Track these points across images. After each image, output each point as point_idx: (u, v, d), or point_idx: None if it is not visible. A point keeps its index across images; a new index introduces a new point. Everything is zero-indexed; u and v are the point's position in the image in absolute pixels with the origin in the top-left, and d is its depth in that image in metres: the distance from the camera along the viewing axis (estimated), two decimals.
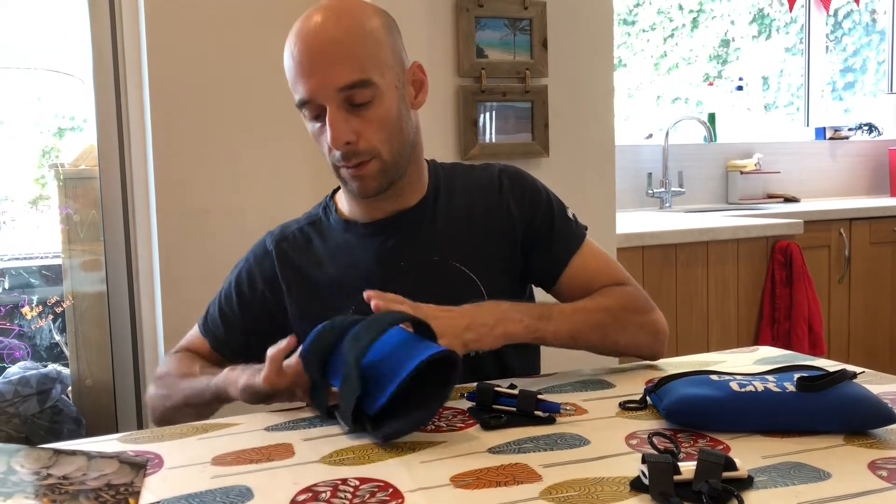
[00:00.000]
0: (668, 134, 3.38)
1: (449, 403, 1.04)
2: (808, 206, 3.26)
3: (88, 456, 0.83)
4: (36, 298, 2.40)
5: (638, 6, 3.88)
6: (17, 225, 2.58)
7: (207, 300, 2.00)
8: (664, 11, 3.94)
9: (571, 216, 1.28)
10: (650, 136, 3.58)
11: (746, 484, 0.75)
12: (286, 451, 0.89)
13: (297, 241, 1.26)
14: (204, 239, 1.97)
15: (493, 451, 0.86)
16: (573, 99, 2.11)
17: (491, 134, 2.04)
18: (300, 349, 1.00)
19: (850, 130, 3.88)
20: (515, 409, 0.96)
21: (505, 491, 0.76)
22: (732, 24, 4.02)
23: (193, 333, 1.32)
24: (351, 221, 1.24)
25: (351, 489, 0.77)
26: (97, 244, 2.13)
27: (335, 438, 0.92)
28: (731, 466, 0.74)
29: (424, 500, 0.74)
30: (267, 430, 0.97)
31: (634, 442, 0.88)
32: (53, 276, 2.42)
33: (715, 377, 0.97)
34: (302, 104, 1.11)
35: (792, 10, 3.85)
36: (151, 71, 1.93)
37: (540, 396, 0.96)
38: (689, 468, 0.73)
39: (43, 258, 2.47)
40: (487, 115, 2.03)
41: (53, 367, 2.21)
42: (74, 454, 0.83)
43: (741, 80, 3.87)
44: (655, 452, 0.79)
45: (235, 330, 1.27)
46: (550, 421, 0.95)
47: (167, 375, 1.24)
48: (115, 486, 0.78)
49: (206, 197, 1.98)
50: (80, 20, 2.06)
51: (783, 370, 1.02)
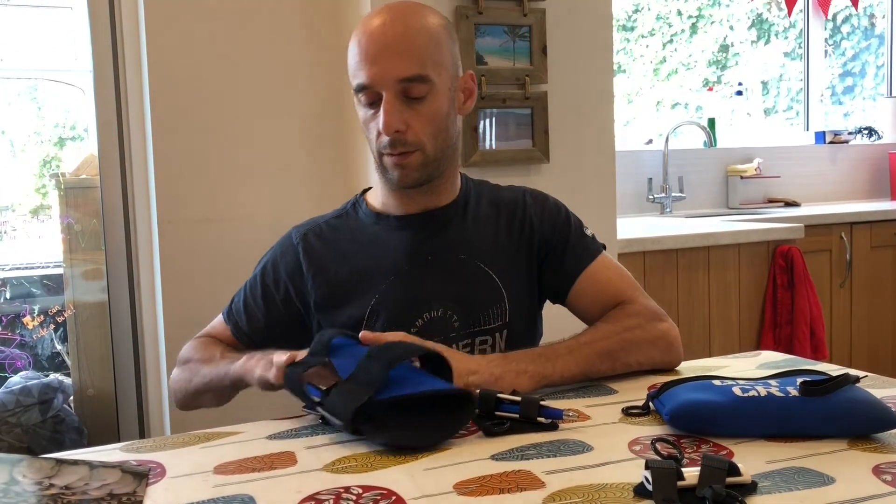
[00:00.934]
0: (668, 139, 3.38)
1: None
2: (808, 210, 3.26)
3: (91, 465, 0.83)
4: (37, 308, 2.40)
5: (637, 12, 3.88)
6: (18, 234, 2.58)
7: (209, 308, 2.00)
8: (663, 17, 3.95)
9: (589, 234, 1.32)
10: (650, 141, 3.59)
11: (750, 489, 0.74)
12: (289, 459, 0.89)
13: (322, 233, 1.31)
14: (205, 247, 1.97)
15: (496, 457, 0.86)
16: (573, 105, 2.11)
17: (491, 140, 2.04)
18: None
19: (849, 134, 3.88)
20: (518, 415, 0.96)
21: (508, 498, 0.76)
22: (731, 29, 4.03)
23: (217, 320, 1.37)
24: (382, 214, 1.29)
25: (354, 497, 0.76)
26: (98, 253, 2.14)
27: (338, 446, 0.92)
28: (734, 472, 0.74)
29: None
30: (269, 438, 0.97)
31: (638, 448, 0.88)
32: (55, 285, 2.42)
33: (718, 382, 0.96)
34: (360, 89, 1.17)
35: (791, 14, 3.86)
36: (152, 80, 1.93)
37: (542, 403, 0.96)
38: (692, 474, 0.73)
39: (44, 268, 2.47)
40: (487, 121, 2.03)
41: (55, 376, 2.21)
42: (77, 464, 0.83)
43: (741, 84, 3.88)
44: (659, 458, 0.79)
45: (258, 320, 1.31)
46: (553, 427, 0.95)
47: (190, 360, 1.29)
48: (117, 495, 0.78)
49: (206, 206, 1.98)
50: (80, 30, 2.07)
51: (786, 375, 1.02)
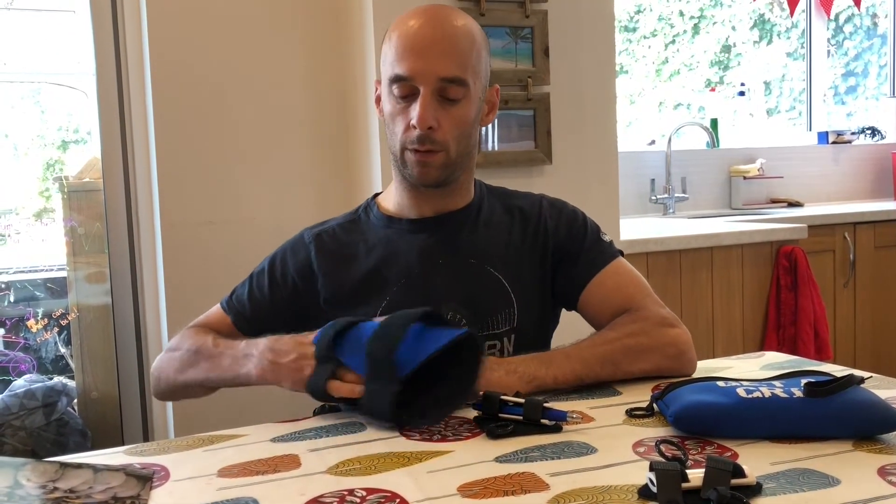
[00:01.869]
0: (670, 140, 3.38)
1: (455, 413, 1.04)
2: (811, 210, 3.26)
3: (94, 469, 0.83)
4: (41, 311, 2.40)
5: (639, 13, 3.88)
6: (21, 238, 2.59)
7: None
8: (665, 18, 3.95)
9: (606, 239, 1.32)
10: (653, 142, 3.58)
11: (755, 491, 0.74)
12: (292, 461, 0.89)
13: (335, 235, 1.32)
14: (208, 250, 1.97)
15: (499, 460, 0.86)
16: (576, 106, 2.11)
17: (494, 142, 2.04)
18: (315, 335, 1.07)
19: (852, 134, 3.88)
20: (522, 417, 0.96)
21: (512, 500, 0.75)
22: (733, 29, 4.03)
23: (213, 311, 1.36)
24: (395, 217, 1.30)
25: (358, 500, 0.76)
26: (102, 256, 2.14)
27: (341, 449, 0.92)
28: (739, 473, 0.74)
29: None
30: (273, 441, 0.97)
31: (642, 449, 0.88)
32: (58, 288, 2.43)
33: (722, 383, 0.96)
34: (397, 79, 1.17)
35: (793, 15, 3.86)
36: (154, 83, 1.93)
37: (546, 405, 0.96)
38: (697, 475, 0.73)
39: (48, 271, 2.48)
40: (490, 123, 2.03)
41: (59, 379, 2.21)
42: (80, 467, 0.83)
43: (743, 85, 3.87)
44: (663, 460, 0.79)
45: (262, 310, 1.31)
46: (557, 429, 0.95)
47: (179, 349, 1.27)
48: (121, 498, 0.78)
49: (210, 209, 1.98)
50: (83, 34, 2.08)
51: (790, 376, 1.02)
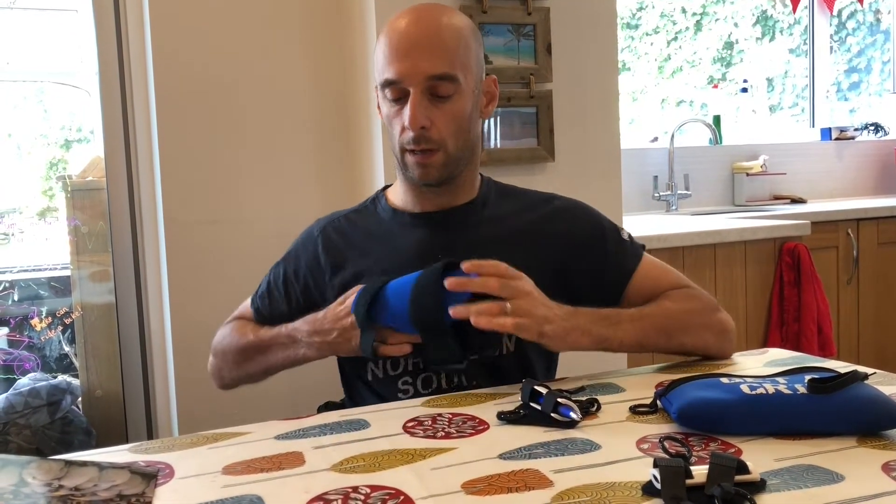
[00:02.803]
0: (673, 137, 3.38)
1: (459, 409, 1.04)
2: (814, 207, 3.25)
3: (99, 467, 0.83)
4: (45, 310, 2.41)
5: (641, 10, 3.88)
6: (25, 237, 2.59)
7: (216, 309, 2.01)
8: (667, 15, 3.94)
9: (627, 237, 1.32)
10: (655, 139, 3.58)
11: (759, 487, 0.74)
12: (297, 459, 0.89)
13: (341, 227, 1.35)
14: (212, 249, 1.98)
15: (503, 456, 0.86)
16: (578, 103, 2.11)
17: (496, 139, 2.04)
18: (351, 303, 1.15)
19: (855, 130, 3.87)
20: (540, 407, 0.97)
21: (516, 497, 0.76)
22: (736, 26, 4.02)
23: (245, 304, 1.43)
24: (399, 210, 1.31)
25: (362, 497, 0.77)
26: (105, 255, 2.14)
27: (345, 446, 0.92)
28: (743, 470, 0.74)
29: None
30: (277, 438, 0.97)
31: (646, 446, 0.88)
32: (62, 287, 2.43)
33: (725, 380, 0.96)
34: (388, 84, 1.19)
35: (795, 11, 3.85)
36: (157, 82, 1.94)
37: (561, 400, 0.96)
38: (701, 472, 0.73)
39: (52, 270, 2.48)
40: (492, 120, 2.03)
41: (63, 378, 2.21)
42: (85, 465, 0.83)
43: (746, 81, 3.87)
44: (667, 456, 0.79)
45: (279, 306, 1.35)
46: (572, 424, 0.95)
47: (232, 351, 1.35)
48: (126, 496, 0.78)
49: (213, 207, 1.98)
50: (85, 33, 2.08)
51: (794, 372, 1.02)
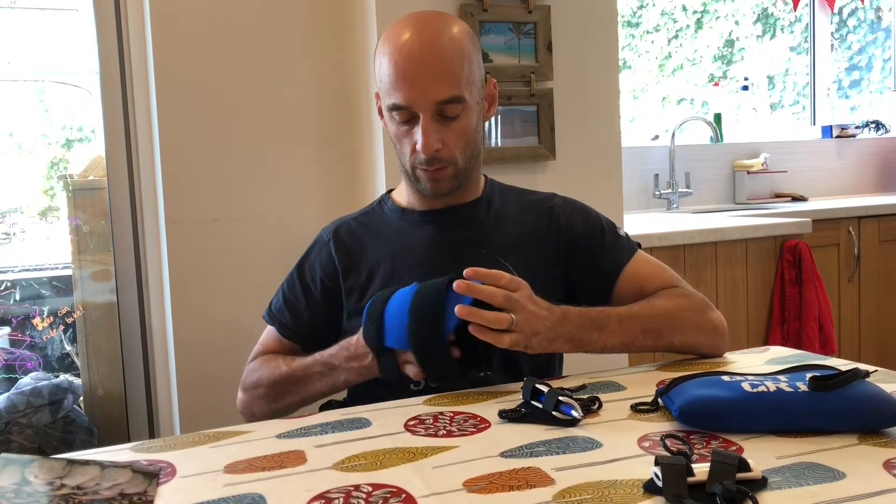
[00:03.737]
0: (674, 135, 3.37)
1: (461, 407, 1.04)
2: (816, 205, 3.25)
3: (101, 466, 0.83)
4: (47, 309, 2.41)
5: (642, 8, 3.87)
6: (27, 236, 2.59)
7: (217, 309, 2.01)
8: (668, 13, 3.94)
9: (623, 234, 1.35)
10: (656, 137, 3.58)
11: (761, 485, 0.74)
12: (298, 457, 0.89)
13: (352, 229, 1.36)
14: (213, 248, 1.98)
15: (505, 455, 0.86)
16: (579, 102, 2.11)
17: (497, 138, 2.04)
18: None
19: (856, 128, 3.87)
20: (542, 405, 0.97)
21: (518, 495, 0.76)
22: (737, 24, 4.02)
23: (263, 337, 1.41)
24: (408, 209, 1.34)
25: (364, 495, 0.77)
26: (107, 254, 2.14)
27: (347, 445, 0.92)
28: (744, 467, 0.74)
29: None
30: (279, 437, 0.97)
31: (647, 444, 0.88)
32: (64, 286, 2.43)
33: (727, 378, 0.96)
34: (395, 108, 1.20)
35: (796, 9, 3.84)
36: (158, 81, 1.94)
37: (562, 398, 0.96)
38: (702, 470, 0.73)
39: (53, 269, 2.48)
40: (493, 119, 2.03)
41: (65, 377, 2.22)
42: (87, 464, 0.83)
43: (746, 79, 3.86)
44: (668, 454, 0.79)
45: (300, 314, 1.36)
46: (573, 423, 0.95)
47: (264, 386, 1.30)
48: (128, 495, 0.78)
49: (214, 206, 1.99)
50: (86, 32, 2.08)
51: (795, 370, 1.02)
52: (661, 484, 0.73)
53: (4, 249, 2.55)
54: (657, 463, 0.75)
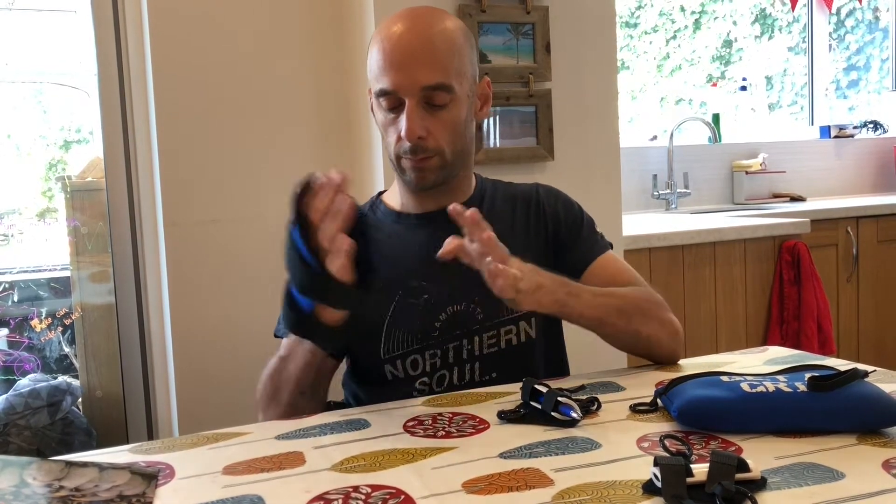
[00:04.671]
0: (672, 135, 3.38)
1: (459, 408, 1.04)
2: (814, 205, 3.25)
3: (100, 467, 0.83)
4: (45, 311, 2.41)
5: (640, 8, 3.88)
6: (25, 238, 2.59)
7: (216, 310, 2.00)
8: (666, 13, 3.94)
9: (599, 232, 1.37)
10: (654, 137, 3.58)
11: (760, 485, 0.74)
12: (297, 459, 0.89)
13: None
14: (211, 249, 1.98)
15: (504, 455, 0.86)
16: (577, 102, 2.11)
17: (496, 139, 2.04)
18: None
19: (855, 128, 3.87)
20: (540, 406, 0.97)
21: (517, 496, 0.76)
22: (735, 24, 4.02)
23: (280, 344, 1.35)
24: (402, 213, 1.33)
25: (363, 496, 0.77)
26: (105, 256, 2.14)
27: (346, 446, 0.92)
28: (743, 468, 0.74)
29: None
30: (277, 438, 0.97)
31: (646, 444, 0.88)
32: (62, 288, 2.43)
33: (725, 378, 0.96)
34: (382, 94, 1.19)
35: (794, 9, 3.85)
36: (156, 82, 1.93)
37: (561, 399, 0.96)
38: (701, 470, 0.73)
39: (51, 270, 2.48)
40: (492, 119, 2.03)
41: (63, 378, 2.21)
42: (86, 466, 0.83)
43: (745, 80, 3.87)
44: (667, 455, 0.79)
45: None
46: (572, 423, 0.95)
47: (265, 392, 1.25)
48: (127, 496, 0.78)
49: (213, 207, 1.98)
50: (84, 33, 2.08)
51: (794, 370, 1.02)
52: (660, 484, 0.73)
53: (3, 251, 2.55)
54: (656, 463, 0.74)
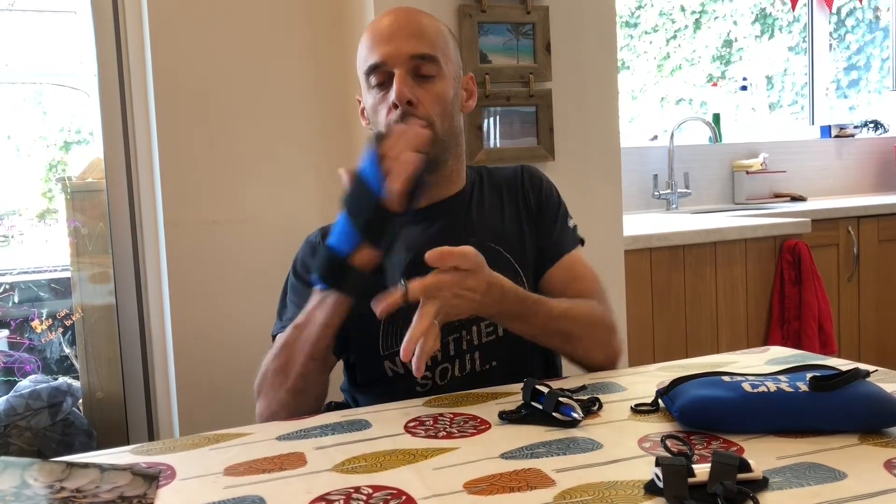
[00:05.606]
0: (673, 135, 3.38)
1: (460, 409, 1.04)
2: (815, 204, 3.25)
3: (101, 468, 0.83)
4: (45, 312, 2.41)
5: (640, 8, 3.88)
6: (25, 239, 2.59)
7: (216, 310, 2.00)
8: (666, 13, 3.94)
9: (572, 224, 1.38)
10: (655, 137, 3.58)
11: (761, 485, 0.74)
12: (298, 459, 0.89)
13: None
14: (212, 249, 1.98)
15: (505, 456, 0.86)
16: (578, 102, 2.11)
17: (496, 139, 2.04)
18: None
19: (855, 128, 3.87)
20: (542, 406, 0.97)
21: (519, 496, 0.75)
22: (735, 24, 4.02)
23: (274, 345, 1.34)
24: None
25: (364, 497, 0.77)
26: (105, 256, 2.14)
27: (347, 446, 0.92)
28: (745, 468, 0.74)
29: None
30: (279, 439, 0.97)
31: (647, 445, 0.88)
32: (62, 289, 2.43)
33: (727, 378, 0.96)
34: (372, 69, 1.22)
35: (794, 8, 3.85)
36: (156, 83, 1.93)
37: (562, 399, 0.96)
38: (703, 470, 0.73)
39: (52, 271, 2.48)
40: (492, 119, 2.03)
41: (64, 379, 2.21)
42: (87, 467, 0.83)
43: (745, 80, 3.87)
44: (669, 455, 0.79)
45: None
46: (573, 423, 0.94)
47: (265, 381, 1.23)
48: (128, 497, 0.78)
49: (213, 208, 1.98)
50: (84, 34, 2.08)
51: (795, 370, 1.02)
52: (661, 485, 0.73)
53: (3, 252, 2.55)
54: (658, 464, 0.74)
